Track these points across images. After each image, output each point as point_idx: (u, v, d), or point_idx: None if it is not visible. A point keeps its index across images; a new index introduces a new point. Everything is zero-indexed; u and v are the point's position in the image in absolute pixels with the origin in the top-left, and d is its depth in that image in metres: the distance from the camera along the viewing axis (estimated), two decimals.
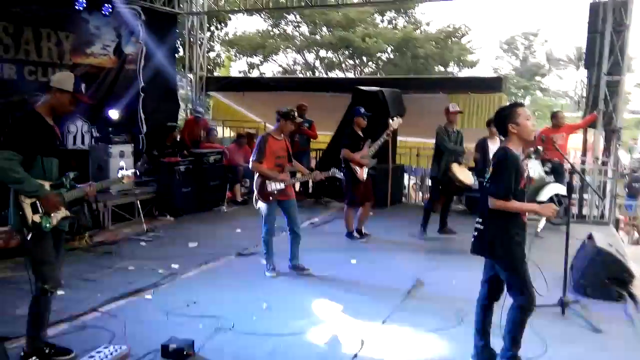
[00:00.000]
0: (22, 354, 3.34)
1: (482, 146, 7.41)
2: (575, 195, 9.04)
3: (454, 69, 26.76)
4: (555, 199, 7.75)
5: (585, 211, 8.77)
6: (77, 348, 3.53)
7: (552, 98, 46.47)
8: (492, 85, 9.70)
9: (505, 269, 3.24)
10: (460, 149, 6.95)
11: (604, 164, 8.52)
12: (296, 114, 5.37)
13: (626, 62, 8.29)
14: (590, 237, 5.24)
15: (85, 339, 3.75)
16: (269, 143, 5.13)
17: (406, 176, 11.23)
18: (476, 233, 3.31)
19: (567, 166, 6.64)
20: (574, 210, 8.80)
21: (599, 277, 4.71)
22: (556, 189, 7.57)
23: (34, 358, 3.29)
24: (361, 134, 6.69)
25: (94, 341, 3.66)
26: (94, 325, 3.99)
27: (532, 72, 49.80)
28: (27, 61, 8.03)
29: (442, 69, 25.89)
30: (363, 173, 6.58)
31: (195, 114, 10.38)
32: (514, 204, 3.11)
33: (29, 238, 3.22)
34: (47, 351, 3.39)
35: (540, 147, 7.82)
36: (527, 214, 3.25)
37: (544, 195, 7.80)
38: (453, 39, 25.94)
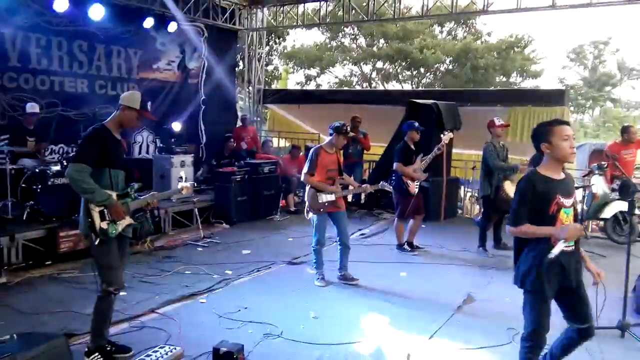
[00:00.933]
0: (86, 349, 3.61)
1: (537, 161, 7.17)
2: None
3: (516, 79, 26.02)
4: (620, 216, 7.41)
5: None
6: (136, 347, 3.76)
7: (624, 109, 44.08)
8: (553, 98, 9.35)
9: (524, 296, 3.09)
10: (510, 167, 6.71)
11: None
12: (349, 127, 5.42)
13: None
14: None
15: (143, 338, 3.97)
16: (321, 156, 5.24)
17: (462, 189, 11.04)
18: (517, 262, 3.13)
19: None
20: None
21: None
22: (621, 206, 7.22)
23: (96, 354, 3.54)
24: (413, 148, 6.68)
25: (151, 341, 3.88)
26: (151, 326, 4.22)
27: (602, 82, 47.51)
28: (99, 76, 8.62)
29: (504, 79, 25.24)
30: (414, 187, 6.56)
31: (243, 120, 10.72)
32: (527, 229, 2.88)
33: (96, 243, 3.48)
34: (108, 349, 3.63)
35: (604, 163, 7.51)
36: (557, 252, 2.83)
37: (608, 213, 7.48)
38: (515, 49, 25.25)
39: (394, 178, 6.61)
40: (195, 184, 4.68)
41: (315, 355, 3.80)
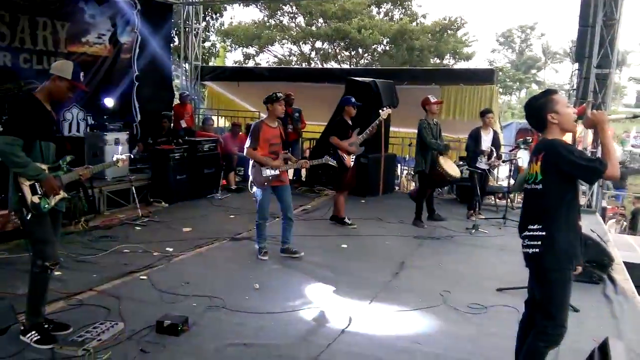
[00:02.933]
0: (21, 328, 3.48)
1: (475, 136, 7.57)
2: None
3: (449, 62, 26.85)
4: None
5: None
6: (75, 324, 3.66)
7: None
8: (484, 77, 9.83)
9: (543, 285, 2.76)
10: (442, 145, 7.01)
11: (592, 154, 8.69)
12: (278, 93, 5.38)
13: (615, 55, 8.42)
14: None
15: (82, 316, 3.87)
16: (264, 130, 5.25)
17: (399, 166, 11.40)
18: (538, 242, 2.72)
19: None
20: None
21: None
22: None
23: (33, 332, 3.42)
24: (350, 123, 6.82)
25: (90, 318, 3.78)
26: (90, 304, 4.11)
27: (528, 65, 50.14)
28: (23, 49, 8.07)
29: (437, 61, 25.98)
30: (350, 160, 6.72)
31: (181, 98, 10.47)
32: (610, 151, 2.63)
33: (28, 218, 3.35)
34: (46, 326, 3.52)
35: (529, 138, 8.00)
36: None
37: None
38: (449, 31, 26.01)
39: (331, 152, 6.73)
40: (132, 156, 4.53)
41: (259, 323, 3.87)
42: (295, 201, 8.14)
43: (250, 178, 5.36)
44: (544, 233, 2.68)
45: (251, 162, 5.33)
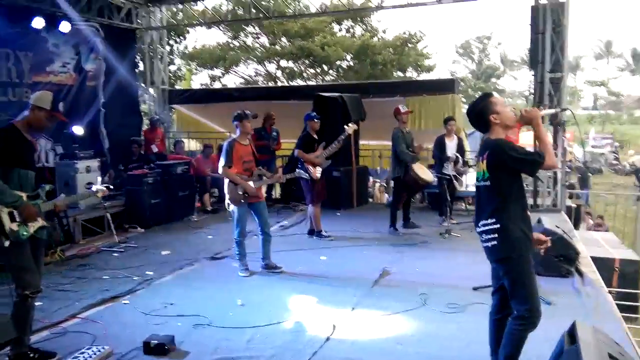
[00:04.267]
0: (7, 358, 3.46)
1: (439, 143, 7.84)
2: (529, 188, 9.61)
3: (412, 74, 27.53)
4: None
5: (539, 201, 9.30)
6: (61, 352, 3.68)
7: (508, 99, 48.25)
8: (444, 86, 10.20)
9: (508, 273, 2.94)
10: (411, 156, 7.24)
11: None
12: (246, 111, 5.51)
13: (566, 59, 8.89)
14: (539, 221, 5.66)
15: (67, 343, 3.87)
16: (236, 148, 5.35)
17: (371, 178, 11.62)
18: (495, 235, 2.91)
19: None
20: (529, 201, 9.37)
21: (548, 256, 5.11)
22: None
23: None
24: (316, 137, 6.99)
25: (76, 345, 3.79)
26: (75, 331, 4.12)
27: (488, 74, 51.68)
28: None
29: (400, 74, 26.61)
30: (316, 172, 6.85)
31: (151, 122, 10.45)
32: (546, 142, 2.91)
33: (6, 245, 3.35)
34: (32, 355, 3.52)
35: None
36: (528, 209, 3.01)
37: None
38: (409, 45, 26.72)
39: (299, 166, 6.86)
40: (111, 187, 4.56)
41: (246, 337, 3.93)
42: (272, 218, 8.26)
43: (227, 196, 5.44)
44: (498, 226, 2.89)
45: (226, 181, 5.42)
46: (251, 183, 5.41)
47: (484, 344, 3.35)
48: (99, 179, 6.89)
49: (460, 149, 7.93)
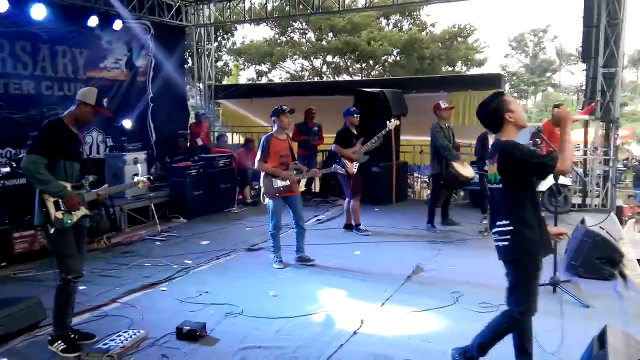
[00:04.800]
0: (49, 338, 3.69)
1: (482, 140, 7.66)
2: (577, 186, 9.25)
3: (461, 69, 26.96)
4: (555, 188, 7.98)
5: (588, 200, 8.94)
6: (100, 334, 3.86)
7: (564, 93, 46.33)
8: (491, 82, 9.91)
9: (513, 274, 2.96)
10: (452, 153, 7.09)
11: (605, 153, 8.69)
12: (284, 106, 5.54)
13: (622, 54, 8.46)
14: (582, 221, 5.46)
15: (106, 326, 4.07)
16: (272, 143, 5.45)
17: (413, 174, 11.49)
18: (508, 236, 2.90)
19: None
20: (577, 200, 9.02)
21: (590, 257, 4.93)
22: (555, 179, 7.79)
23: (59, 342, 3.62)
24: (355, 132, 6.98)
25: (114, 328, 3.98)
26: (114, 314, 4.33)
27: (543, 68, 49.80)
28: (44, 77, 8.46)
29: (449, 68, 26.12)
30: (353, 167, 6.85)
31: (197, 117, 10.78)
32: (566, 151, 2.76)
33: (51, 232, 3.57)
34: (72, 336, 3.72)
35: (538, 140, 8.06)
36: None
37: (544, 185, 8.03)
38: (459, 38, 26.17)
39: (336, 160, 6.89)
40: (152, 177, 4.75)
41: (275, 327, 4.01)
42: (309, 211, 8.39)
43: (262, 190, 5.55)
44: (511, 228, 2.88)
45: (262, 174, 5.52)
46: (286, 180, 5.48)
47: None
48: (140, 168, 7.25)
49: None
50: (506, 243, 2.92)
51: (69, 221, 3.60)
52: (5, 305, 2.29)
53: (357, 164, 6.88)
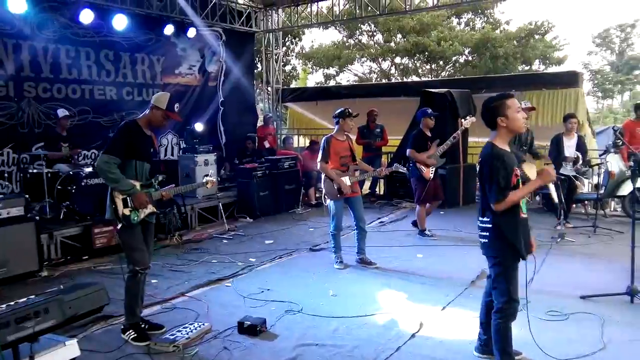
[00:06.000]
0: (122, 327, 3.95)
1: (557, 142, 7.30)
2: None
3: (539, 67, 25.72)
4: (638, 193, 7.42)
5: None
6: (168, 324, 4.10)
7: None
8: (567, 80, 9.38)
9: (493, 267, 3.18)
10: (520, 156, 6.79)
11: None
12: (350, 110, 5.57)
13: None
14: None
15: (175, 317, 4.30)
16: (332, 144, 5.50)
17: None
18: (486, 233, 3.12)
19: None
20: None
21: None
22: (639, 182, 7.24)
23: (130, 331, 3.87)
24: (429, 134, 6.83)
25: (181, 320, 4.21)
26: (182, 307, 4.55)
27: (631, 66, 46.34)
28: (125, 83, 9.07)
29: (526, 67, 25.00)
30: (429, 172, 6.70)
31: (265, 120, 11.08)
32: (514, 196, 2.96)
33: (119, 227, 3.82)
34: (142, 326, 3.96)
35: (619, 141, 7.54)
36: (522, 210, 3.10)
37: (625, 190, 7.51)
38: (536, 36, 24.97)
39: (410, 165, 6.80)
40: (219, 179, 4.93)
41: (332, 326, 4.05)
42: (372, 214, 8.38)
43: (324, 191, 5.60)
44: (490, 225, 3.08)
45: (323, 176, 5.58)
46: (346, 178, 5.51)
47: (581, 356, 3.11)
48: (212, 171, 7.55)
49: (581, 147, 7.28)
50: (486, 240, 3.13)
51: (136, 218, 3.82)
52: (73, 290, 2.53)
53: (434, 169, 6.74)
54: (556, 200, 4.90)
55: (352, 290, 4.91)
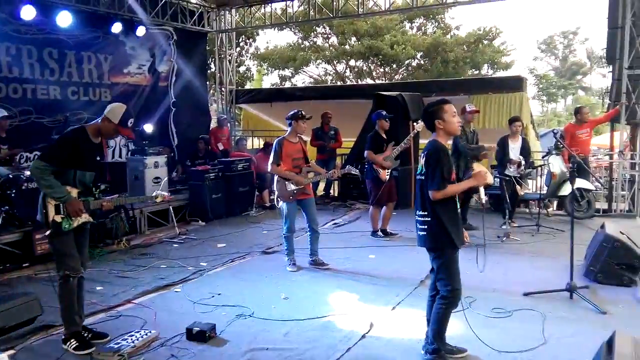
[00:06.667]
0: (62, 337, 3.78)
1: (502, 144, 7.55)
2: (599, 190, 9.02)
3: (487, 72, 26.57)
4: (578, 193, 7.79)
5: (614, 206, 8.69)
6: (113, 333, 3.95)
7: (595, 97, 45.17)
8: (513, 85, 9.75)
9: (435, 259, 3.38)
10: (475, 148, 7.05)
11: (632, 157, 8.44)
12: (303, 112, 5.57)
13: None
14: (602, 226, 5.30)
15: (120, 325, 4.15)
16: (285, 146, 5.48)
17: None
18: (425, 226, 3.32)
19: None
20: (603, 205, 8.78)
21: (609, 263, 4.79)
22: (578, 183, 7.60)
23: (72, 341, 3.71)
24: (385, 137, 6.93)
25: (127, 327, 4.06)
26: (127, 315, 4.41)
27: (573, 71, 48.62)
28: (70, 82, 8.72)
29: (475, 72, 25.77)
30: (385, 174, 6.80)
31: (219, 121, 10.95)
32: (451, 188, 3.23)
33: (48, 233, 3.67)
34: (85, 335, 3.81)
35: (560, 143, 7.89)
36: (458, 203, 3.37)
37: (566, 190, 7.85)
38: (484, 41, 25.79)
39: (366, 166, 6.87)
40: (170, 193, 4.69)
41: (284, 330, 4.03)
42: (326, 215, 8.41)
43: (276, 193, 5.58)
44: (429, 219, 3.29)
45: (276, 178, 5.55)
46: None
47: (526, 351, 3.23)
48: (164, 180, 7.31)
49: (525, 150, 7.57)
50: (424, 233, 3.33)
51: (67, 226, 3.66)
52: (3, 301, 2.39)
53: (389, 171, 6.82)
54: (484, 200, 5.06)
55: (304, 293, 4.90)
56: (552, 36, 51.72)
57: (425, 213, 3.31)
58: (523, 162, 7.39)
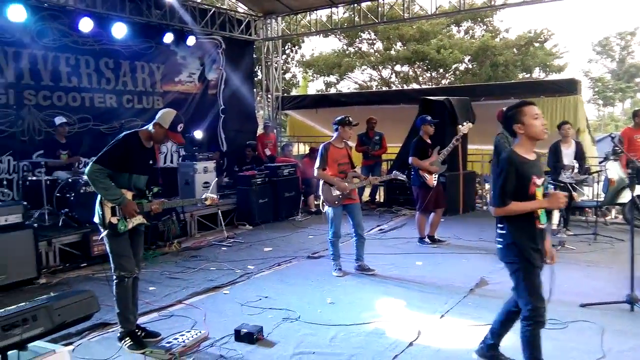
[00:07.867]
0: (118, 335, 3.93)
1: (554, 150, 7.29)
2: None
3: (539, 75, 25.77)
4: (638, 200, 7.39)
5: None
6: (164, 332, 4.07)
7: None
8: (566, 88, 9.39)
9: (512, 274, 3.14)
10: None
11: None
12: (351, 118, 5.56)
13: None
14: None
15: (172, 325, 4.28)
16: (331, 151, 5.49)
17: (485, 184, 11.08)
18: (501, 239, 3.12)
19: None
20: None
21: None
22: (638, 190, 7.21)
23: (127, 339, 3.85)
24: (429, 142, 6.82)
25: (178, 327, 4.18)
26: (179, 315, 4.53)
27: (631, 73, 46.37)
28: (125, 91, 9.10)
29: (526, 75, 25.05)
30: (432, 180, 6.68)
31: (265, 127, 11.12)
32: (516, 207, 2.96)
33: (104, 234, 3.81)
34: (138, 333, 3.94)
35: (618, 148, 7.53)
36: (540, 220, 3.04)
37: (625, 197, 7.48)
38: (535, 44, 25.04)
39: (412, 173, 6.79)
40: (219, 197, 4.76)
41: (330, 334, 4.02)
42: (372, 221, 8.36)
43: (322, 198, 5.59)
44: (505, 232, 3.08)
45: (321, 183, 5.57)
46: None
47: None
48: (213, 183, 7.47)
49: (579, 155, 7.28)
50: (501, 246, 3.13)
51: (123, 227, 3.79)
52: (63, 297, 2.51)
53: (437, 176, 6.72)
54: (554, 226, 4.85)
55: (350, 298, 4.89)
56: (608, 37, 49.48)
57: (501, 225, 3.08)
58: (577, 167, 7.10)
